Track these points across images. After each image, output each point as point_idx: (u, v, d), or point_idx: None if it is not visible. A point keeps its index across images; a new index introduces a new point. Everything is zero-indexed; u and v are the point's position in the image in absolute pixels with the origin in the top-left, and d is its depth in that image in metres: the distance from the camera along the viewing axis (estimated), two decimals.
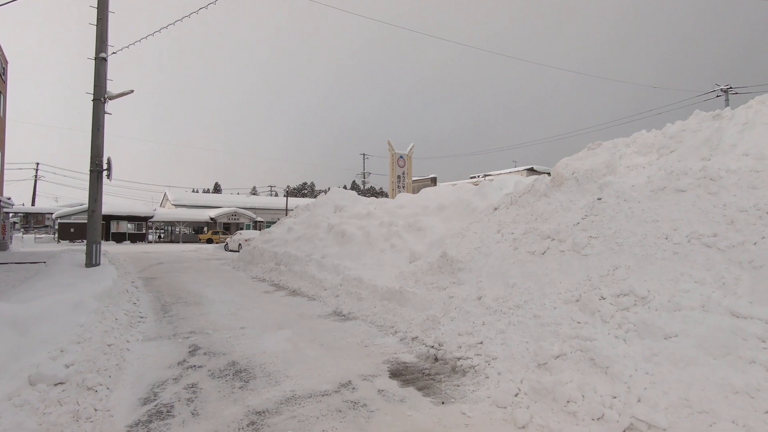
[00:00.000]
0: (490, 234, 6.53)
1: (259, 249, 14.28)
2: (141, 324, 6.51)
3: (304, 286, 9.44)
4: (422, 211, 10.35)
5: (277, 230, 15.51)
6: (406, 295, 6.32)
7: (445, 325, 5.18)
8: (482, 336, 4.51)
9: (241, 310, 7.55)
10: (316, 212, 14.49)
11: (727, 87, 25.33)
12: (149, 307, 7.84)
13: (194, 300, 8.58)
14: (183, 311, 7.49)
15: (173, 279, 12.10)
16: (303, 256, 11.22)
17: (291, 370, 4.34)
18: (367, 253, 9.59)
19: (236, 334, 5.87)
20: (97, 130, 10.08)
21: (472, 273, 5.90)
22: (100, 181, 10.11)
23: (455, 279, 6.03)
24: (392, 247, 9.07)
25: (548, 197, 6.50)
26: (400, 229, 9.68)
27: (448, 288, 5.96)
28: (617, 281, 4.14)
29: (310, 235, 12.50)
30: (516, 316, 4.58)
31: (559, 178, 6.47)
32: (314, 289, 8.97)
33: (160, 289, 10.18)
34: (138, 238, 40.93)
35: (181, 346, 5.33)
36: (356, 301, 7.29)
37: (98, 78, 10.18)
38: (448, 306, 5.52)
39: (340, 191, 15.85)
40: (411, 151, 25.73)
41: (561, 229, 5.39)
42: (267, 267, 12.53)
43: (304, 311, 7.37)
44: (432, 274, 6.60)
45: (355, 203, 15.18)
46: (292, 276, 10.55)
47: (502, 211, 6.98)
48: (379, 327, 6.08)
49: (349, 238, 10.59)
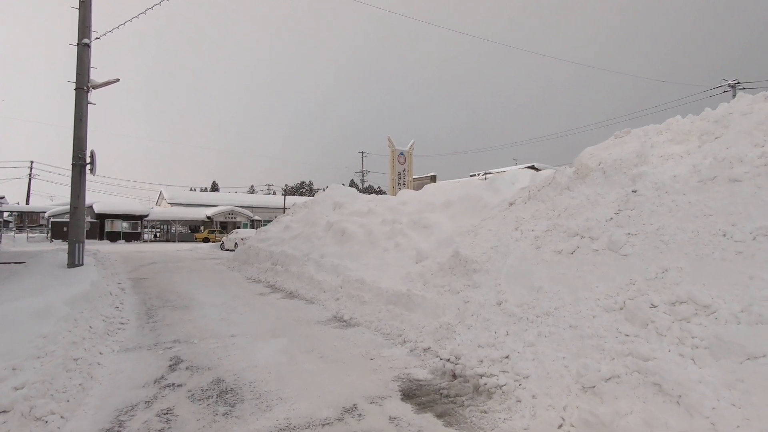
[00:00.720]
0: (507, 231, 5.91)
1: (254, 248, 13.63)
2: (120, 331, 5.86)
3: (301, 288, 8.80)
4: (427, 208, 9.73)
5: (273, 228, 14.86)
6: (415, 299, 5.69)
7: (462, 334, 4.56)
8: (508, 349, 3.88)
9: (232, 314, 6.91)
10: (314, 210, 13.85)
11: (735, 82, 24.76)
12: (133, 312, 7.19)
13: (183, 303, 7.94)
14: (169, 316, 6.85)
15: (164, 280, 11.45)
16: (300, 255, 10.58)
17: (285, 390, 3.71)
18: (368, 252, 8.96)
19: (225, 343, 5.23)
20: (79, 121, 9.42)
21: (489, 275, 5.28)
22: (82, 176, 9.45)
23: (470, 281, 5.41)
24: (396, 246, 8.45)
25: (571, 191, 5.88)
26: (404, 227, 9.05)
27: (463, 291, 5.34)
28: (669, 286, 3.52)
29: (307, 233, 11.86)
30: (546, 325, 3.96)
31: (584, 169, 5.85)
32: (312, 291, 8.34)
33: (149, 290, 9.53)
34: (133, 237, 40.18)
35: (162, 358, 4.69)
36: (359, 305, 6.66)
37: (81, 65, 9.52)
38: (464, 312, 4.90)
39: (340, 188, 15.21)
40: (411, 147, 25.09)
41: (592, 226, 4.77)
42: (263, 267, 11.89)
43: (302, 316, 6.74)
44: (443, 275, 5.97)
45: (354, 200, 14.54)
46: (288, 277, 9.92)
47: (519, 207, 6.35)
48: (385, 335, 5.45)
49: (349, 237, 9.96)
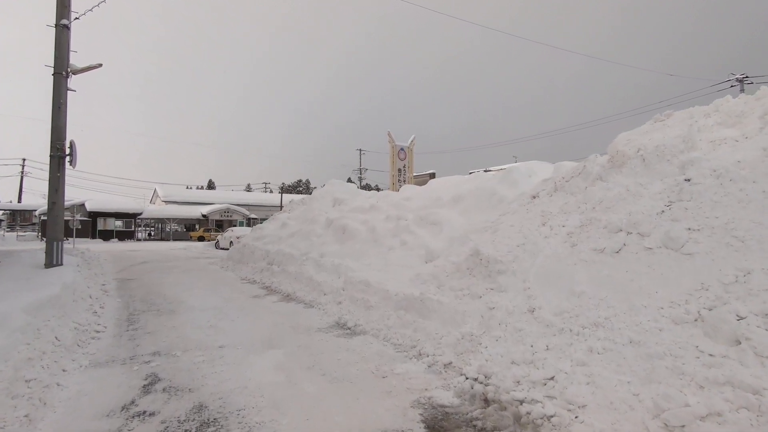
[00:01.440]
0: (533, 227, 5.23)
1: (249, 247, 12.91)
2: (94, 341, 5.15)
3: (299, 290, 8.10)
4: (434, 203, 9.04)
5: (269, 226, 14.14)
6: (429, 303, 5.00)
7: (489, 347, 3.88)
8: (551, 368, 3.20)
9: (223, 320, 6.21)
10: (312, 206, 13.14)
11: (743, 76, 24.18)
12: (112, 317, 6.47)
13: (169, 307, 7.22)
14: (152, 322, 6.14)
15: (153, 280, 10.72)
16: (298, 254, 9.87)
17: (282, 421, 3.01)
18: (372, 251, 8.26)
19: (212, 356, 4.53)
20: (58, 109, 8.67)
21: (516, 276, 4.60)
22: (61, 169, 8.71)
23: (493, 284, 4.72)
24: (403, 245, 7.76)
25: (605, 181, 5.20)
26: (411, 224, 8.36)
27: (486, 296, 4.65)
28: (758, 292, 2.84)
29: (306, 231, 11.16)
30: (597, 339, 3.28)
31: (620, 157, 5.17)
32: (312, 294, 7.64)
33: (134, 293, 8.80)
34: (126, 236, 39.32)
35: (136, 376, 3.98)
36: (364, 309, 5.97)
37: (59, 48, 8.76)
38: (489, 320, 4.22)
39: (339, 183, 14.50)
40: (412, 143, 24.38)
41: (639, 220, 4.09)
42: (258, 267, 11.18)
43: (300, 322, 6.04)
44: (460, 277, 5.28)
45: (355, 196, 13.84)
46: (285, 277, 9.21)
47: (545, 200, 5.67)
48: (396, 346, 4.75)
49: (351, 235, 9.26)
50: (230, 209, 43.82)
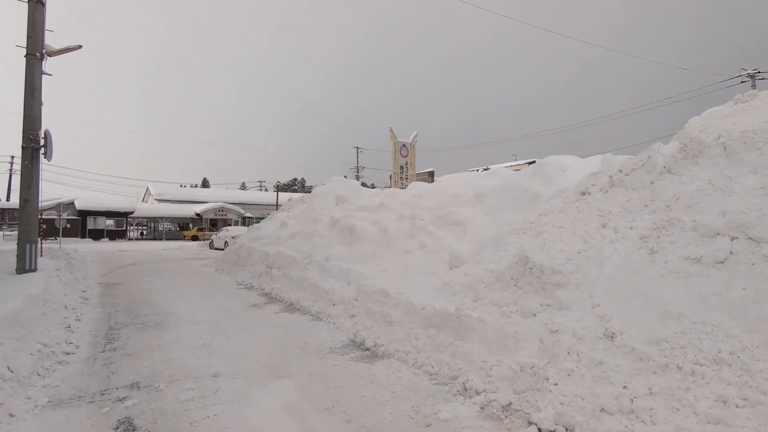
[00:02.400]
0: (591, 229, 4.37)
1: (246, 248, 11.98)
2: (60, 368, 4.24)
3: (304, 298, 7.20)
4: (452, 202, 8.18)
5: (267, 226, 13.21)
6: (469, 322, 4.13)
7: (561, 384, 3.02)
8: (669, 425, 2.34)
9: (217, 337, 5.31)
10: (313, 205, 12.23)
11: (755, 71, 23.50)
12: (88, 334, 5.55)
13: (156, 319, 6.31)
14: (135, 340, 5.24)
15: (140, 285, 9.78)
16: (300, 257, 8.97)
17: None
18: (385, 254, 7.39)
19: (204, 390, 3.64)
20: (31, 95, 7.71)
21: (581, 291, 3.73)
22: (35, 162, 7.75)
23: (550, 299, 3.86)
24: (421, 248, 6.88)
25: (677, 174, 4.36)
26: (428, 224, 7.49)
27: (541, 314, 3.79)
28: None
29: (308, 231, 10.25)
30: (727, 384, 2.42)
31: (695, 145, 4.32)
32: (318, 304, 6.74)
33: (118, 301, 7.88)
34: (117, 235, 38.15)
35: (104, 423, 3.08)
36: (384, 325, 5.09)
37: (32, 27, 7.79)
38: (554, 347, 3.35)
39: (342, 180, 13.59)
40: (414, 139, 23.46)
41: (746, 222, 3.24)
42: (256, 270, 10.26)
43: (308, 340, 5.15)
44: (502, 288, 4.42)
45: (358, 194, 12.96)
46: (287, 283, 8.32)
47: (598, 197, 4.82)
48: (431, 376, 3.88)
49: (359, 236, 8.38)
50: (225, 208, 42.76)
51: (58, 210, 21.77)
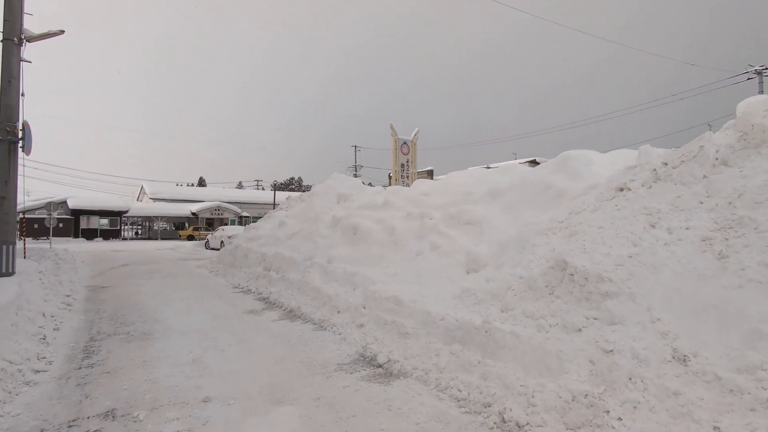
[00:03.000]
0: (636, 230, 3.82)
1: (242, 249, 11.39)
2: (27, 390, 3.66)
3: (305, 304, 6.63)
4: (465, 199, 7.62)
5: (265, 225, 12.62)
6: (500, 336, 3.57)
7: (627, 419, 2.47)
8: None
9: (210, 350, 4.74)
10: (313, 203, 11.65)
11: (762, 68, 23.03)
12: (65, 346, 4.97)
13: (143, 328, 5.74)
14: (117, 354, 4.66)
15: (130, 289, 9.19)
16: (301, 259, 8.40)
17: None
18: (393, 256, 6.83)
19: (191, 420, 3.07)
20: (8, 84, 7.10)
21: (636, 302, 3.18)
22: (12, 156, 7.14)
23: (597, 311, 3.31)
24: (433, 249, 6.32)
25: (735, 167, 3.82)
26: (439, 223, 6.94)
27: (588, 329, 3.23)
28: None
29: (308, 231, 9.67)
30: None
31: (759, 132, 3.78)
32: (322, 311, 6.17)
33: (104, 306, 7.29)
34: (112, 235, 37.46)
35: None
36: (397, 337, 4.53)
37: (10, 10, 7.19)
38: (611, 371, 2.80)
39: (343, 177, 13.01)
40: (416, 137, 22.86)
41: None
42: (253, 272, 9.68)
43: (312, 354, 4.58)
44: (536, 297, 3.86)
45: (360, 192, 12.39)
46: (286, 287, 7.74)
47: (641, 193, 4.26)
48: (459, 401, 3.32)
49: (364, 236, 7.81)
50: (221, 207, 42.13)
51: (48, 209, 21.08)
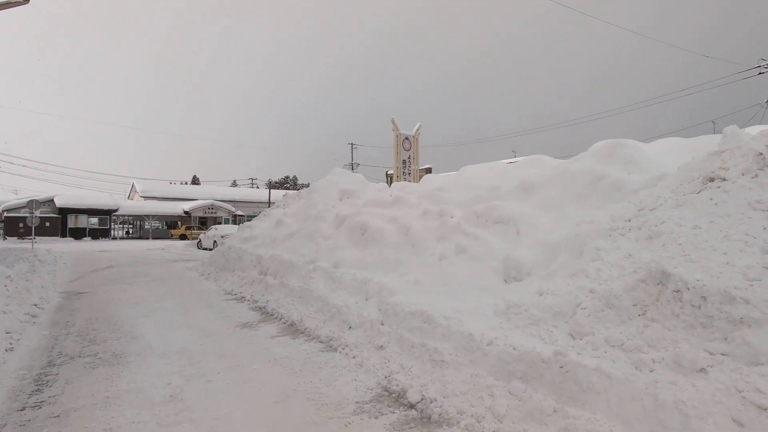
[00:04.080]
0: (755, 230, 2.90)
1: (236, 250, 10.41)
2: None
3: (309, 317, 5.68)
4: (490, 195, 6.70)
5: (261, 225, 11.63)
6: (583, 375, 2.64)
7: None
8: None
9: (193, 380, 3.79)
10: (313, 200, 10.67)
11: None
12: (13, 375, 3.99)
13: (116, 348, 4.77)
14: (76, 385, 3.69)
15: (109, 296, 8.19)
16: (302, 262, 7.44)
17: None
18: (411, 260, 5.89)
19: None
20: None
21: None
22: None
23: (726, 343, 2.39)
24: (460, 252, 5.39)
25: None
26: (463, 222, 6.01)
27: (716, 370, 2.31)
28: None
29: (309, 231, 8.71)
30: None
31: None
32: (329, 326, 5.22)
33: (75, 318, 6.30)
34: (101, 234, 36.22)
35: None
36: (430, 366, 3.59)
37: None
38: None
39: (345, 172, 12.03)
40: (417, 132, 21.96)
41: None
42: (247, 277, 8.71)
43: (323, 388, 3.63)
44: (621, 319, 2.94)
45: (364, 188, 11.45)
46: (286, 294, 6.78)
47: (744, 183, 3.34)
48: None
49: (374, 236, 6.87)
50: (215, 205, 40.95)
51: (30, 207, 19.94)
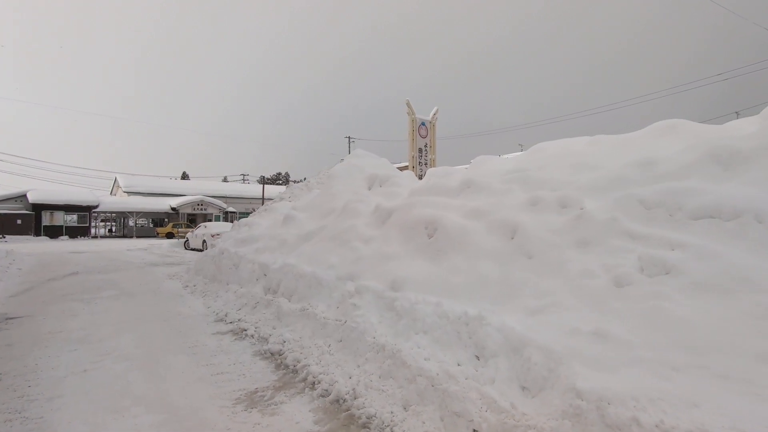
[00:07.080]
0: None
1: (230, 255, 7.83)
2: None
3: (369, 386, 3.16)
4: (644, 173, 4.24)
5: (262, 222, 9.04)
6: None
7: None
8: None
9: None
10: (334, 190, 8.11)
11: None
12: None
13: None
14: None
15: (47, 324, 5.61)
16: (333, 278, 4.92)
17: None
18: (537, 282, 3.40)
19: None
20: None
21: None
22: None
23: None
24: (642, 269, 2.91)
25: None
26: (620, 217, 3.53)
27: None
28: None
29: (337, 230, 6.15)
30: None
31: None
32: (424, 413, 2.71)
33: None
34: (80, 233, 33.21)
35: None
36: None
37: None
38: None
39: (369, 155, 9.48)
40: (435, 117, 19.39)
41: None
42: (248, 294, 6.16)
43: None
44: None
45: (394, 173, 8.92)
46: (314, 332, 4.26)
47: None
48: None
49: (451, 239, 4.36)
50: (204, 201, 38.06)
51: None
